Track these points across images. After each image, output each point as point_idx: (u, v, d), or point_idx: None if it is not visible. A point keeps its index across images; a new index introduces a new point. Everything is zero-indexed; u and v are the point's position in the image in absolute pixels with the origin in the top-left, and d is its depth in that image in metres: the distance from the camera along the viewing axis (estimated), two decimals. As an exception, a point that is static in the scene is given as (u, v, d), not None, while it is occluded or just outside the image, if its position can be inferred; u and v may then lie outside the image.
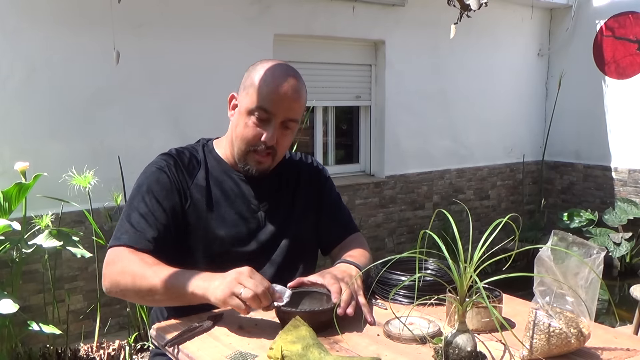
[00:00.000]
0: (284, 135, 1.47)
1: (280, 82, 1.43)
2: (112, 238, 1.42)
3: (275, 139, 1.45)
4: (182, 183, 1.47)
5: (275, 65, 1.47)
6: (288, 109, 1.44)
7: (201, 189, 1.48)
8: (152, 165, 1.49)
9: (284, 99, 1.43)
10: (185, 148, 1.56)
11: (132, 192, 1.47)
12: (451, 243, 1.08)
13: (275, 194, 1.56)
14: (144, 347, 3.11)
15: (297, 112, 1.48)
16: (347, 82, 4.56)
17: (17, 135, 3.12)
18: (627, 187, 5.28)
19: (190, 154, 1.54)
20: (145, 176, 1.47)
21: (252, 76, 1.46)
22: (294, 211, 1.57)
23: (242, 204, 1.51)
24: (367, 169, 4.82)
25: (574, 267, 1.11)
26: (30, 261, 3.04)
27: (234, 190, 1.52)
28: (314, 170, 1.67)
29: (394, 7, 4.53)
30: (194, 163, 1.52)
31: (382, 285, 1.43)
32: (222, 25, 3.77)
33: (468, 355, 1.02)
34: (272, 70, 1.45)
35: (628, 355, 1.12)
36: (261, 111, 1.43)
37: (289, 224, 1.55)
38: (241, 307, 1.18)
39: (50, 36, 3.17)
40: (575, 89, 5.52)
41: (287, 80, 1.43)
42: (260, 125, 1.44)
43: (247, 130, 1.45)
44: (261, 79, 1.44)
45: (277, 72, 1.44)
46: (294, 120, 1.48)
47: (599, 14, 5.34)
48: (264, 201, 1.53)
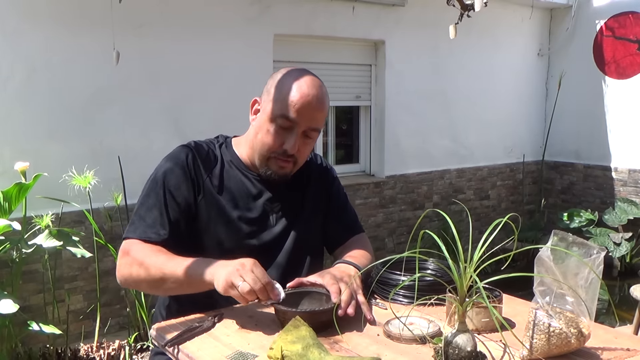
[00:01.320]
0: (305, 143, 1.49)
1: (305, 91, 1.44)
2: (126, 230, 1.46)
3: (297, 147, 1.46)
4: (197, 176, 1.48)
5: (301, 74, 1.48)
6: (311, 119, 1.46)
7: (216, 184, 1.50)
8: (169, 158, 1.51)
9: (307, 109, 1.44)
10: (204, 142, 1.58)
11: (148, 184, 1.49)
12: (451, 243, 1.08)
13: (287, 194, 1.57)
14: (143, 347, 3.11)
15: (319, 121, 1.49)
16: (347, 82, 4.56)
17: (17, 135, 3.12)
18: (627, 187, 5.27)
19: (209, 148, 1.55)
20: (161, 169, 1.49)
21: (277, 83, 1.47)
22: (303, 211, 1.59)
23: (255, 203, 1.52)
24: (367, 169, 4.82)
25: (574, 267, 1.11)
26: (30, 261, 3.04)
27: (248, 189, 1.53)
28: (322, 170, 1.68)
29: (394, 7, 4.53)
30: (211, 158, 1.53)
31: (382, 285, 1.43)
32: (222, 26, 3.77)
33: (468, 355, 1.02)
34: (297, 79, 1.46)
35: (628, 355, 1.12)
36: (284, 119, 1.44)
37: (298, 224, 1.56)
38: (239, 299, 1.21)
39: (50, 37, 3.17)
40: (575, 89, 5.52)
41: (312, 91, 1.45)
42: (282, 133, 1.46)
43: (269, 137, 1.46)
44: (287, 87, 1.45)
45: (302, 81, 1.45)
46: (316, 130, 1.49)
47: (599, 14, 5.34)
48: (276, 201, 1.55)
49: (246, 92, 3.76)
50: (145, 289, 1.47)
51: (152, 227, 1.42)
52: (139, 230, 1.42)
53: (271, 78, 1.52)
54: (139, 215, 1.45)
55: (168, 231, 1.42)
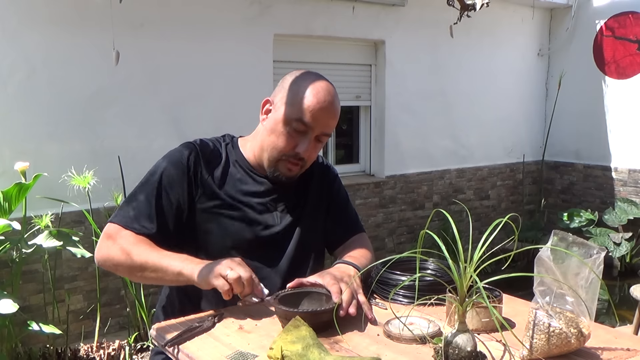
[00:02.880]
0: (316, 147, 1.51)
1: (322, 97, 1.45)
2: (113, 214, 1.46)
3: (309, 151, 1.48)
4: (198, 174, 1.49)
5: (317, 78, 1.49)
6: (325, 125, 1.48)
7: (218, 182, 1.50)
8: (171, 155, 1.51)
9: (323, 114, 1.45)
10: (210, 140, 1.58)
11: (147, 175, 1.50)
12: (451, 243, 1.08)
13: (290, 194, 1.57)
14: (143, 347, 3.11)
15: (332, 127, 1.52)
16: (347, 82, 4.56)
17: (17, 135, 3.12)
18: (627, 187, 5.27)
19: (214, 146, 1.56)
20: (162, 164, 1.49)
21: (292, 86, 1.48)
22: (305, 211, 1.59)
23: (259, 203, 1.52)
24: (367, 169, 4.82)
25: (574, 267, 1.11)
26: (30, 261, 3.04)
27: (252, 188, 1.53)
28: (324, 168, 1.69)
29: (394, 7, 4.53)
30: (215, 156, 1.54)
31: (382, 285, 1.43)
32: (222, 25, 3.76)
33: (468, 355, 1.02)
34: (314, 83, 1.47)
35: (628, 355, 1.12)
36: (299, 123, 1.45)
37: (300, 224, 1.56)
38: (224, 288, 1.24)
39: (50, 37, 3.17)
40: (575, 89, 5.52)
41: (329, 97, 1.46)
42: (295, 137, 1.46)
43: (281, 140, 1.47)
44: (302, 91, 1.45)
45: (319, 86, 1.46)
46: (328, 135, 1.52)
47: (599, 14, 5.34)
48: (280, 201, 1.55)
49: (246, 92, 3.81)
50: (123, 273, 1.49)
51: (140, 218, 1.43)
52: (125, 218, 1.43)
53: (284, 79, 1.52)
54: (130, 203, 1.46)
55: (156, 226, 1.43)
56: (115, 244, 1.40)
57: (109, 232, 1.43)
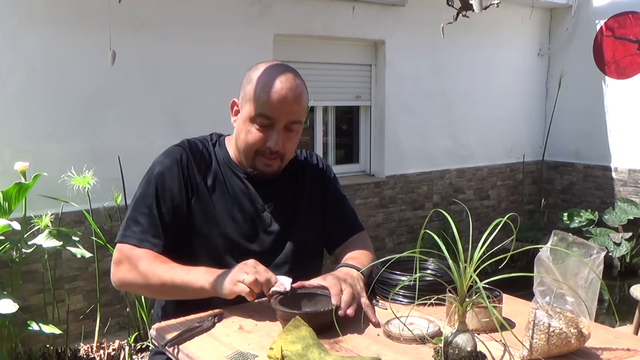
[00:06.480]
0: (289, 138, 1.47)
1: (278, 86, 1.41)
2: (119, 234, 1.44)
3: (280, 144, 1.45)
4: (191, 178, 1.47)
5: (271, 68, 1.46)
6: (289, 113, 1.44)
7: (210, 185, 1.49)
8: (162, 159, 1.49)
9: (284, 103, 1.42)
10: (198, 140, 1.56)
11: (141, 187, 1.47)
12: (451, 243, 1.08)
13: (281, 194, 1.56)
14: (143, 347, 3.11)
15: (299, 114, 1.47)
16: (347, 82, 4.56)
17: (17, 135, 3.12)
18: (627, 187, 5.27)
19: (203, 147, 1.54)
20: (154, 170, 1.47)
21: (251, 82, 1.46)
22: (299, 211, 1.57)
23: (249, 204, 1.51)
24: (367, 169, 4.82)
25: (574, 267, 1.11)
26: (30, 261, 3.04)
27: (241, 189, 1.52)
28: (318, 170, 1.66)
29: (394, 7, 4.53)
30: (205, 158, 1.52)
31: (382, 285, 1.43)
32: (221, 25, 3.76)
33: (468, 355, 1.02)
34: (269, 74, 1.44)
35: (628, 355, 1.12)
36: (262, 118, 1.43)
37: (294, 224, 1.55)
38: (245, 291, 1.24)
39: (49, 37, 3.17)
40: (575, 89, 5.52)
41: (286, 84, 1.42)
42: (263, 131, 1.44)
43: (250, 137, 1.45)
44: (259, 84, 1.43)
45: (274, 75, 1.43)
46: (298, 122, 1.47)
47: (599, 14, 5.34)
48: (270, 201, 1.53)
49: (246, 92, 3.80)
50: (143, 294, 1.49)
51: (147, 232, 1.41)
52: (131, 236, 1.41)
53: (245, 76, 1.50)
54: (134, 219, 1.43)
55: (161, 237, 1.42)
56: (131, 266, 1.39)
57: (122, 255, 1.41)
